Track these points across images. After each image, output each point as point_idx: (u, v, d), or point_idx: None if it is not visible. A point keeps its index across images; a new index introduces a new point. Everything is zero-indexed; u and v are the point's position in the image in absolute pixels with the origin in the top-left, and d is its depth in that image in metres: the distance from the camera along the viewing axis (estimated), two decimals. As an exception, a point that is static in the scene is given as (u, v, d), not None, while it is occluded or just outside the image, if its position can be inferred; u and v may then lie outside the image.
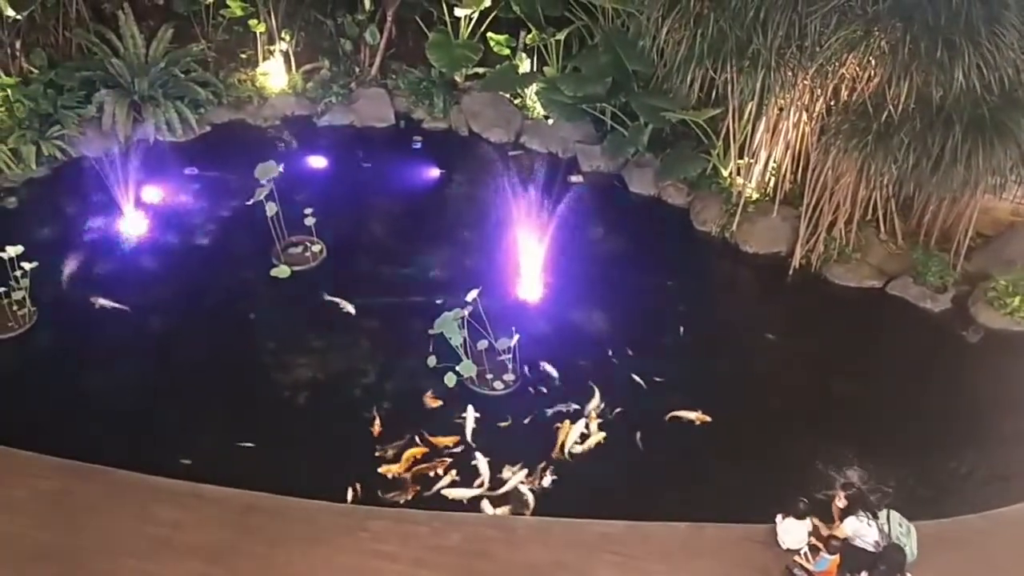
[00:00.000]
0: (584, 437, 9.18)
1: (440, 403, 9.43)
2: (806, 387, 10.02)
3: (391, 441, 8.97)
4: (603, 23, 13.63)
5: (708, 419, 9.33)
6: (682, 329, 10.70)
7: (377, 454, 8.83)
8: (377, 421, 9.17)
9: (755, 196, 12.48)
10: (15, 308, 9.95)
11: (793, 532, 7.92)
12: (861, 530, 7.63)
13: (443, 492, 8.54)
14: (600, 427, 9.27)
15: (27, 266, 9.83)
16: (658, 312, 10.97)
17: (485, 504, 8.47)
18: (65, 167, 12.51)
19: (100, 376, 9.53)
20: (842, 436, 9.15)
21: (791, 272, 11.70)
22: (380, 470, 8.65)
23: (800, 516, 7.92)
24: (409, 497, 8.45)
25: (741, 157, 12.55)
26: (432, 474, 8.68)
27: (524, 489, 8.64)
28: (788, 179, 12.23)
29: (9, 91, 12.31)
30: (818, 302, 11.34)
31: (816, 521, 8.02)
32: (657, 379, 9.87)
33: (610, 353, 10.20)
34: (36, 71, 12.90)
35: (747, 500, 8.38)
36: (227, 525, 7.96)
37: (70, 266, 10.92)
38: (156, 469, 8.39)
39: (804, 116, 11.58)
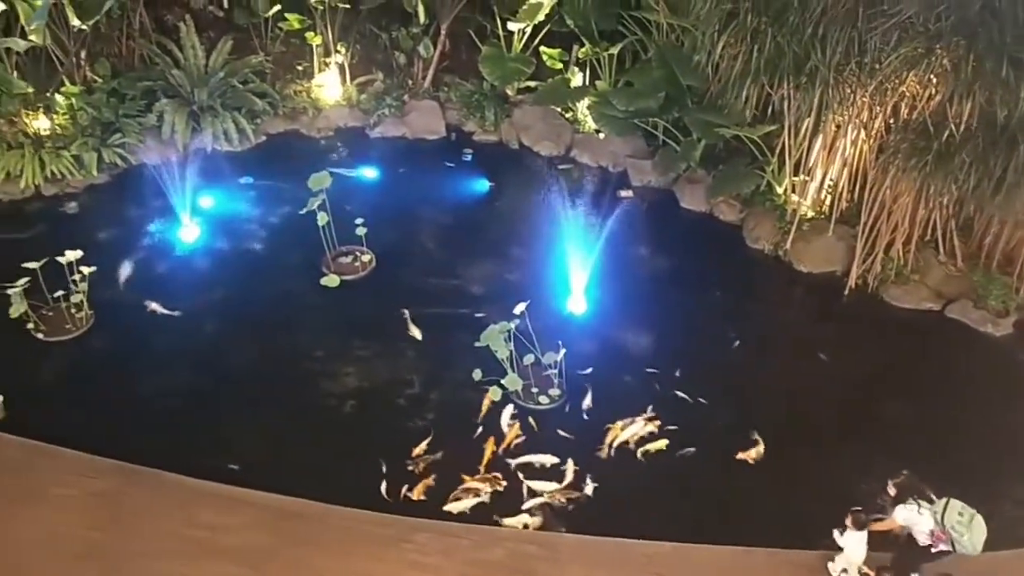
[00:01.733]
0: (643, 440, 9.09)
1: (484, 414, 9.38)
2: (860, 410, 9.76)
3: (434, 452, 8.94)
4: (657, 38, 13.56)
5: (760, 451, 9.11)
6: (737, 342, 10.53)
7: (413, 466, 8.81)
8: (424, 432, 9.17)
9: (810, 214, 12.25)
10: (73, 311, 10.16)
11: (853, 545, 7.47)
12: (912, 518, 7.18)
13: (483, 502, 8.49)
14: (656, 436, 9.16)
15: (86, 270, 10.03)
16: (708, 330, 10.81)
17: (526, 516, 8.38)
18: (125, 174, 12.78)
19: (151, 379, 9.68)
20: (896, 461, 8.72)
21: (846, 292, 11.45)
22: (424, 481, 8.63)
23: (861, 526, 7.41)
24: (453, 510, 8.40)
25: (796, 174, 12.34)
26: (475, 486, 8.62)
27: (563, 502, 8.54)
28: (845, 197, 12.01)
29: (73, 99, 12.65)
30: (874, 323, 11.06)
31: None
32: (705, 398, 9.69)
33: (658, 371, 10.04)
34: (100, 80, 13.21)
35: (795, 525, 8.17)
36: (269, 530, 8.00)
37: (126, 271, 11.10)
38: (203, 472, 8.46)
39: (862, 134, 11.35)
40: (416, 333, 10.30)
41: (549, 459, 8.91)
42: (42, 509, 7.93)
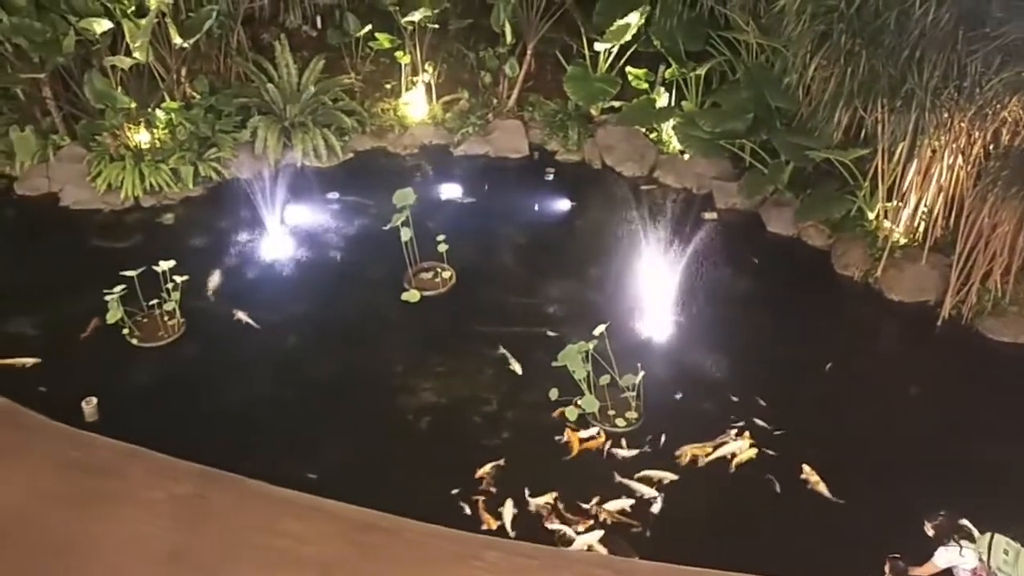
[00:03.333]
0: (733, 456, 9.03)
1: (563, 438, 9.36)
2: (950, 448, 9.31)
3: (506, 470, 8.93)
4: (746, 58, 13.37)
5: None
6: (827, 367, 10.28)
7: (486, 484, 8.83)
8: (498, 450, 9.19)
9: (903, 241, 11.84)
10: (166, 319, 10.53)
11: None
12: (954, 560, 6.82)
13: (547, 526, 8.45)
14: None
15: (178, 279, 10.39)
16: (793, 359, 10.50)
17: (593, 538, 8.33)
18: (219, 187, 13.23)
19: (236, 387, 9.95)
20: (986, 508, 8.27)
21: (939, 323, 11.00)
22: (496, 499, 8.61)
23: (899, 574, 7.10)
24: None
25: (889, 200, 11.95)
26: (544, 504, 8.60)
27: (634, 525, 8.45)
28: (940, 224, 11.56)
29: (173, 114, 13.17)
30: (968, 356, 10.59)
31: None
32: (785, 428, 9.44)
33: (738, 399, 9.83)
34: (198, 96, 13.73)
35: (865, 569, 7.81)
36: (346, 541, 8.07)
37: (216, 280, 11.48)
38: (282, 480, 8.60)
39: (960, 159, 10.92)
40: (517, 368, 10.17)
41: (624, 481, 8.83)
42: (131, 511, 8.17)
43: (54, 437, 8.93)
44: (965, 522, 7.31)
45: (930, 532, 7.26)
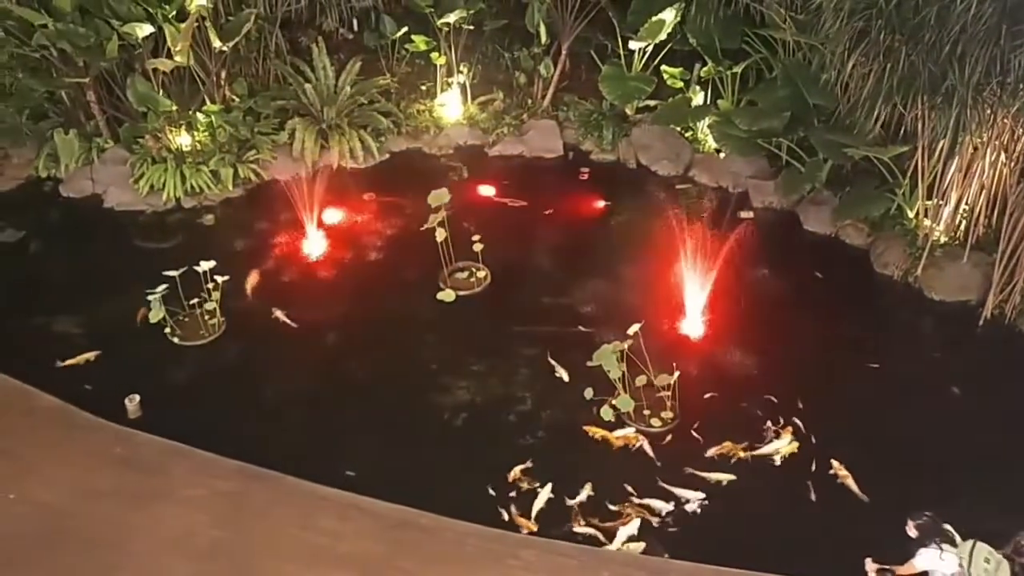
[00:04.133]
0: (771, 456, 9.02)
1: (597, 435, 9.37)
2: (994, 451, 9.15)
3: (541, 469, 8.95)
4: (783, 56, 13.25)
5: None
6: (872, 366, 10.20)
7: (521, 482, 8.84)
8: (533, 449, 9.22)
9: (943, 239, 11.66)
10: (207, 318, 10.70)
11: None
12: (934, 563, 6.82)
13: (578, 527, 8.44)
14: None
15: (219, 279, 10.55)
16: (831, 359, 10.41)
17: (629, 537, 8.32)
18: (257, 189, 13.41)
19: (275, 385, 10.09)
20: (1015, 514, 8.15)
21: (981, 323, 10.83)
22: (531, 498, 8.64)
23: None
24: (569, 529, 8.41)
25: (929, 198, 11.77)
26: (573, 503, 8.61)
27: (668, 526, 8.43)
28: (981, 223, 11.37)
29: (213, 117, 13.36)
30: (1011, 357, 10.40)
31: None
32: (824, 430, 9.35)
33: (775, 399, 9.75)
34: (237, 99, 13.92)
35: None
36: (382, 539, 8.17)
37: (255, 280, 11.64)
38: (320, 477, 8.74)
39: (1003, 156, 10.74)
40: (563, 375, 10.09)
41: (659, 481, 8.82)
42: (173, 507, 8.35)
43: (99, 434, 9.15)
44: (948, 527, 7.22)
45: (912, 532, 7.22)
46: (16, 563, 7.77)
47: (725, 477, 8.86)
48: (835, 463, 8.95)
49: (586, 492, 8.72)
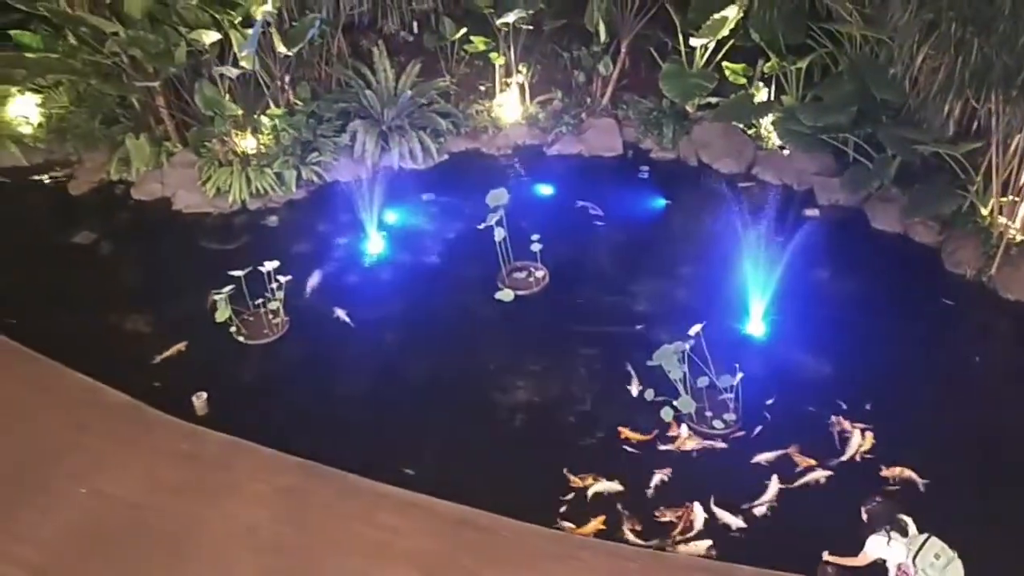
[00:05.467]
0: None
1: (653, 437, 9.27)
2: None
3: (600, 471, 8.89)
4: (849, 50, 12.93)
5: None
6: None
7: (580, 483, 8.79)
8: (592, 450, 9.16)
9: (1019, 238, 11.24)
10: (271, 317, 10.90)
11: None
12: (881, 550, 6.76)
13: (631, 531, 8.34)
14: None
15: (282, 279, 10.73)
16: (901, 360, 10.10)
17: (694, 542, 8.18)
18: (320, 190, 13.62)
19: (337, 383, 10.21)
20: None
21: (1060, 325, 10.43)
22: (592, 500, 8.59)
23: None
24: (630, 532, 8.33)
25: (1004, 194, 11.35)
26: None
27: (737, 525, 8.29)
28: (1061, 220, 10.97)
29: (277, 120, 13.62)
30: (1094, 360, 10.00)
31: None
32: (894, 434, 9.07)
33: (843, 403, 9.50)
34: (301, 103, 14.16)
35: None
36: (442, 537, 8.20)
37: (317, 280, 11.80)
38: (380, 475, 8.81)
39: (1084, 150, 10.32)
40: (634, 389, 9.83)
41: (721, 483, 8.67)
42: (238, 503, 8.52)
43: (168, 430, 9.39)
44: (904, 517, 7.02)
45: (864, 517, 7.06)
46: (89, 556, 8.02)
47: (789, 484, 8.68)
48: (907, 469, 8.68)
49: (649, 493, 8.64)
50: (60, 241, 12.72)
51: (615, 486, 8.71)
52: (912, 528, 6.92)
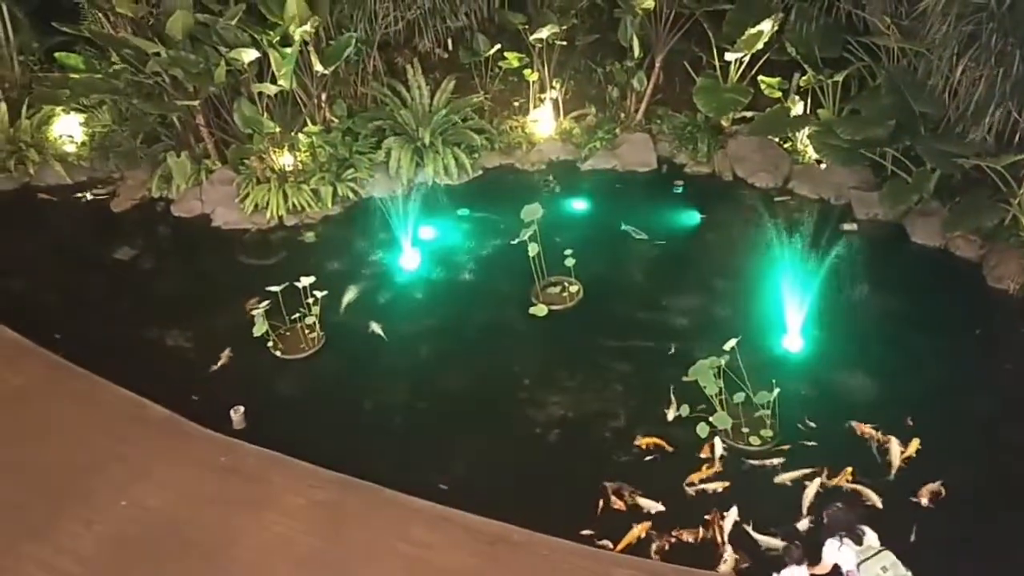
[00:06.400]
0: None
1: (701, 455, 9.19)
2: None
3: (637, 488, 8.82)
4: (886, 63, 12.79)
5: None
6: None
7: (617, 500, 8.73)
8: (627, 466, 9.10)
9: (1063, 251, 11.02)
10: (307, 332, 11.00)
11: None
12: (833, 552, 6.88)
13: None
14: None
15: (318, 294, 10.84)
16: (942, 378, 9.92)
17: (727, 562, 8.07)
18: (356, 206, 13.74)
19: (372, 398, 10.29)
20: None
21: (1108, 340, 10.18)
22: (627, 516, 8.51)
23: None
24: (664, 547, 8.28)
25: (1048, 208, 11.15)
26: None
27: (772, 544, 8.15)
28: (1107, 234, 10.72)
29: (314, 138, 13.79)
30: None
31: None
32: (938, 454, 8.91)
33: (880, 421, 9.31)
34: (337, 120, 14.33)
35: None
36: (476, 552, 8.19)
37: (353, 295, 11.89)
38: (414, 489, 8.83)
39: None
40: (670, 413, 9.64)
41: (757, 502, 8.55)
42: (273, 515, 8.59)
43: (206, 444, 9.51)
44: (865, 528, 7.04)
45: (824, 521, 7.17)
46: (129, 567, 8.13)
47: (825, 500, 8.50)
48: (949, 491, 8.52)
49: (685, 510, 8.56)
50: (102, 257, 13.00)
51: (651, 503, 8.65)
52: (873, 540, 6.96)
